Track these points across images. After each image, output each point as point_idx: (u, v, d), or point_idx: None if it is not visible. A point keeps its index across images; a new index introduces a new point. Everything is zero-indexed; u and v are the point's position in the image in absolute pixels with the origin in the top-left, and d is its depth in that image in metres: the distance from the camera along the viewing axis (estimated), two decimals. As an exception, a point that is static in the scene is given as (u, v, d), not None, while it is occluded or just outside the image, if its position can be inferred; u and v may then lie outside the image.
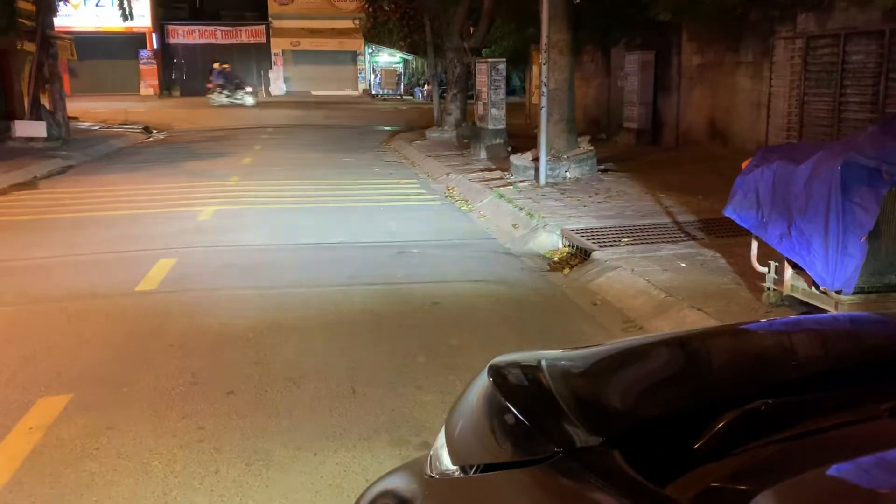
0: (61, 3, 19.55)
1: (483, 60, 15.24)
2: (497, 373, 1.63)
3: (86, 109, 25.40)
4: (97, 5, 34.65)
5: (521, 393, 1.55)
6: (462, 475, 1.50)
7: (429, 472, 1.64)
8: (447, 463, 1.56)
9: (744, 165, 5.08)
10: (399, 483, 1.78)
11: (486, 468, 1.44)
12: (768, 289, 5.14)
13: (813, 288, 4.64)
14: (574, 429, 1.38)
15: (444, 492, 1.55)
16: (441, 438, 1.66)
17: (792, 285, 4.86)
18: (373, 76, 43.01)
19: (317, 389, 4.24)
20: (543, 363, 1.67)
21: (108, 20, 35.38)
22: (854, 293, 4.37)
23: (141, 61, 40.07)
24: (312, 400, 4.10)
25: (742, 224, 5.01)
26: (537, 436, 1.40)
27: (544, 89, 10.67)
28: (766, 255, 5.15)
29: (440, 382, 4.33)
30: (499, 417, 1.51)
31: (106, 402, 4.08)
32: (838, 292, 4.37)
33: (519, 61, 26.27)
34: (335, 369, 4.52)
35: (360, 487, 3.19)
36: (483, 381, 1.62)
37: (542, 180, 10.67)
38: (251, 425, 3.80)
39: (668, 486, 1.21)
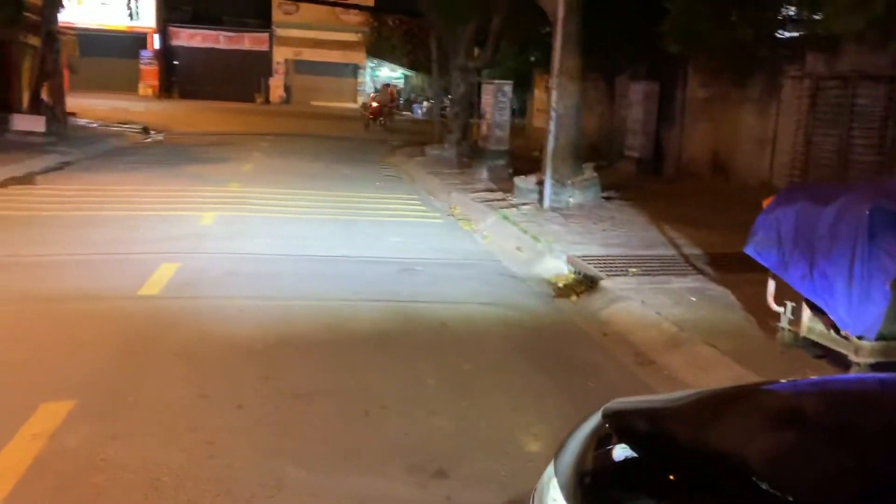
0: (66, -1, 19.44)
1: (489, 82, 15.27)
2: None
3: (84, 106, 25.18)
4: (102, 3, 34.53)
5: None
6: None
7: None
8: None
9: (765, 204, 5.04)
10: None
11: None
12: (783, 329, 5.09)
13: (832, 331, 4.59)
14: None
15: None
16: None
17: (809, 327, 4.82)
18: (373, 90, 43.05)
19: (328, 408, 4.14)
20: None
21: (111, 18, 35.30)
22: (875, 339, 4.32)
23: (142, 61, 39.92)
24: (324, 419, 4.00)
25: (762, 262, 4.96)
26: None
27: (552, 114, 10.68)
28: (781, 294, 5.11)
29: (454, 408, 4.24)
30: None
31: (111, 410, 3.95)
32: (860, 338, 4.33)
33: (520, 83, 26.43)
34: (346, 388, 4.42)
35: (377, 515, 3.10)
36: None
37: (546, 204, 10.64)
38: (262, 442, 3.70)
39: None
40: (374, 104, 28.52)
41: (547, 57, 11.67)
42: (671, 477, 1.30)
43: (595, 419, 1.55)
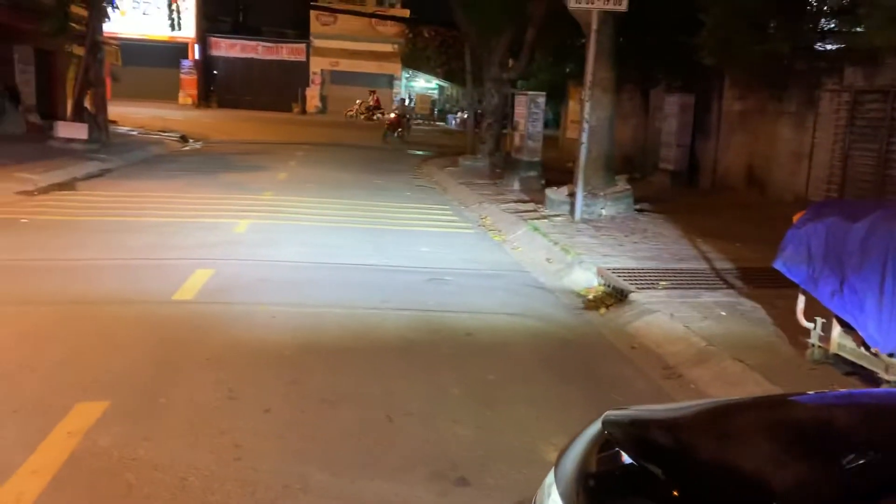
0: (110, 9, 19.88)
1: (523, 93, 15.31)
2: None
3: (124, 114, 25.78)
4: (144, 14, 35.32)
5: None
6: None
7: None
8: None
9: (795, 218, 5.00)
10: None
11: None
12: (813, 345, 5.04)
13: (862, 348, 4.54)
14: None
15: None
16: None
17: (839, 343, 4.76)
18: (408, 100, 43.40)
19: (353, 414, 4.20)
20: None
21: (153, 28, 36.06)
22: (906, 357, 4.26)
23: (182, 71, 40.74)
24: (348, 424, 4.06)
25: (791, 278, 4.92)
26: None
27: (585, 125, 10.67)
28: (811, 310, 5.05)
29: (477, 417, 4.27)
30: None
31: (143, 411, 4.06)
32: (890, 355, 4.27)
33: (554, 94, 26.47)
34: (370, 395, 4.48)
35: (398, 521, 3.14)
36: None
37: (578, 216, 10.63)
38: (288, 446, 3.77)
39: None
40: (393, 115, 28.55)
41: (581, 68, 11.68)
42: (670, 486, 1.32)
43: (595, 427, 1.58)
